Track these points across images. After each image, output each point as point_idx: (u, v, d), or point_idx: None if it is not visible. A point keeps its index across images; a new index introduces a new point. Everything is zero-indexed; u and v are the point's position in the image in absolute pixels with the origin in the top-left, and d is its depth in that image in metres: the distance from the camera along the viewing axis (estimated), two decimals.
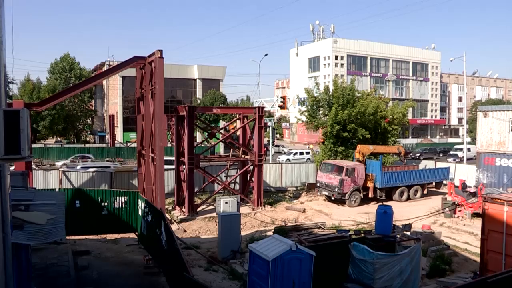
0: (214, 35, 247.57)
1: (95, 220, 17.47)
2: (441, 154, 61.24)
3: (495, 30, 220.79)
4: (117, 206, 17.74)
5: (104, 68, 70.68)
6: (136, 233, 17.97)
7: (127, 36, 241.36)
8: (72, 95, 46.09)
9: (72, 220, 15.95)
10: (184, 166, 24.44)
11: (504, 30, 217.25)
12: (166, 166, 22.76)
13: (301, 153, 51.32)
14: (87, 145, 62.77)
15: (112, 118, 65.51)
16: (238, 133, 29.23)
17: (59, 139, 75.90)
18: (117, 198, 17.78)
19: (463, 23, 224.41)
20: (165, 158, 22.50)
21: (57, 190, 20.40)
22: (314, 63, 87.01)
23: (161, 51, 20.48)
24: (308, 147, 56.74)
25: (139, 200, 17.65)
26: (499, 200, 12.01)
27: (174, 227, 20.95)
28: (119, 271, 14.55)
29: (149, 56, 21.80)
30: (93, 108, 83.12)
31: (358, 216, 24.08)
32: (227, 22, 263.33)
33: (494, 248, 11.95)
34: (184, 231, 21.26)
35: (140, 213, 17.29)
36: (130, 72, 28.87)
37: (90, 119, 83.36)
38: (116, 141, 63.19)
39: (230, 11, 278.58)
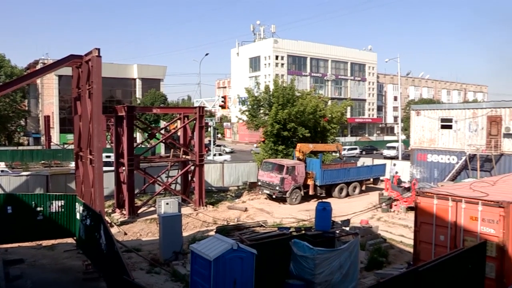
0: (154, 34, 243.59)
1: (29, 226, 16.65)
2: (363, 152, 63.71)
3: (426, 35, 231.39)
4: (54, 211, 17.06)
5: (38, 67, 67.68)
6: (75, 237, 17.41)
7: (64, 36, 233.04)
8: (2, 95, 43.83)
9: (3, 227, 15.24)
10: (123, 168, 23.95)
11: (434, 35, 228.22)
12: (105, 168, 22.22)
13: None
14: (20, 148, 59.89)
15: (47, 119, 62.99)
16: (179, 133, 28.98)
17: None
18: (53, 202, 17.09)
19: (398, 25, 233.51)
20: (104, 159, 21.99)
21: None
22: (255, 63, 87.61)
23: (99, 49, 19.97)
24: (256, 146, 57.07)
25: (77, 203, 17.10)
26: (430, 194, 12.61)
27: (114, 230, 20.50)
28: (56, 278, 14.04)
29: (86, 55, 21.17)
30: (26, 108, 79.44)
31: (299, 214, 24.52)
32: (167, 21, 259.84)
33: (426, 239, 12.54)
34: (125, 234, 20.85)
35: (78, 217, 16.77)
36: (67, 71, 27.87)
37: (24, 120, 79.59)
38: (52, 143, 60.87)
39: (170, 10, 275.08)
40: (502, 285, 10.10)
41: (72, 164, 31.25)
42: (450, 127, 30.39)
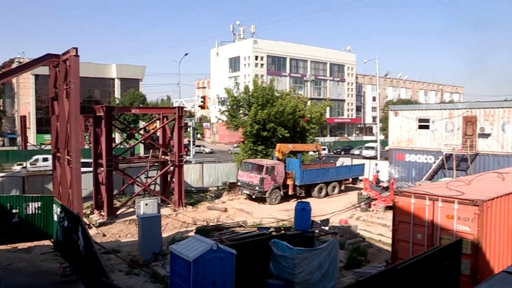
0: (133, 33, 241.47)
1: (4, 228, 16.29)
2: (342, 152, 64.68)
3: (404, 36, 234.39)
4: (30, 213, 16.77)
5: (14, 66, 66.47)
6: (52, 240, 17.17)
7: (40, 35, 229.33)
8: None
9: None
10: (102, 168, 23.71)
11: (412, 36, 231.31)
12: (83, 169, 21.97)
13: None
14: None
15: (23, 119, 61.90)
16: (158, 133, 28.81)
17: None
18: (30, 203, 16.80)
19: (376, 26, 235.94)
20: (82, 160, 21.72)
21: None
22: (234, 63, 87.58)
23: (76, 48, 19.72)
24: (234, 146, 56.97)
25: (54, 205, 16.87)
26: (407, 193, 12.77)
27: (92, 231, 20.27)
28: (32, 282, 13.81)
29: (63, 54, 20.90)
30: (1, 108, 77.93)
31: (279, 214, 24.60)
32: (146, 21, 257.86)
33: (403, 238, 12.69)
34: (104, 235, 20.64)
35: (55, 218, 16.54)
36: (43, 70, 27.44)
37: None
38: (28, 143, 59.83)
39: (149, 9, 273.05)
40: (476, 281, 10.29)
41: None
42: (427, 127, 30.85)
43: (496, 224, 11.51)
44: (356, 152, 61.28)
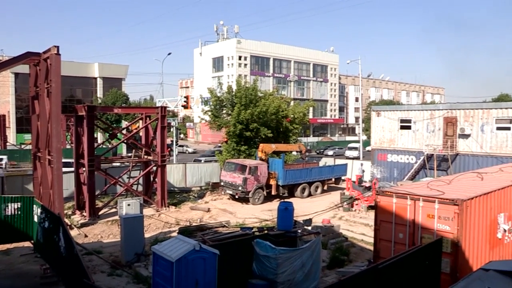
0: (116, 32, 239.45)
1: None
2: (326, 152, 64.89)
3: (387, 37, 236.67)
4: (9, 214, 16.52)
5: None
6: (32, 241, 16.94)
7: (21, 34, 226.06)
8: None
9: None
10: (84, 169, 23.47)
11: (395, 37, 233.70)
12: (64, 169, 21.72)
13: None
14: None
15: (3, 118, 60.83)
16: (140, 133, 28.62)
17: None
18: (9, 204, 16.55)
19: (359, 27, 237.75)
20: (64, 160, 21.48)
21: None
22: (218, 63, 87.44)
23: (58, 47, 19.47)
24: (214, 147, 56.87)
25: (34, 205, 16.65)
26: (389, 193, 12.90)
27: (74, 232, 20.06)
28: (11, 285, 13.60)
29: (44, 52, 20.62)
30: None
31: (262, 214, 24.65)
32: (129, 20, 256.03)
33: (385, 237, 12.82)
34: (85, 236, 20.43)
35: (36, 219, 16.32)
36: (24, 68, 27.09)
37: None
38: (8, 143, 58.89)
39: (132, 8, 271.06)
40: (456, 279, 10.43)
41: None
42: (409, 127, 31.18)
43: (475, 223, 11.70)
44: (330, 152, 60.92)
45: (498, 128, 26.64)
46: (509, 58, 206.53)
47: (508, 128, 26.20)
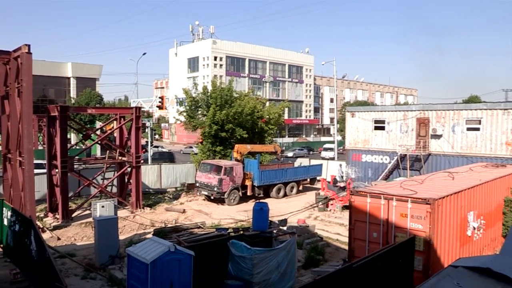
0: (90, 32, 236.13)
1: None
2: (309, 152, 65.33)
3: (361, 39, 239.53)
4: None
5: None
6: (1, 245, 16.55)
7: None
8: None
9: None
10: (56, 170, 23.08)
11: (368, 39, 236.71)
12: (36, 170, 21.30)
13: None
14: None
15: None
16: (115, 134, 28.31)
17: None
18: None
19: (334, 28, 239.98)
20: (35, 161, 21.05)
21: None
22: (193, 64, 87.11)
23: (29, 45, 19.07)
24: (185, 147, 56.55)
25: (4, 208, 16.24)
26: (363, 193, 13.07)
27: (46, 235, 19.70)
28: None
29: (14, 51, 20.15)
30: None
31: (238, 214, 24.65)
32: (103, 19, 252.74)
33: (360, 236, 12.99)
34: (58, 239, 20.08)
35: (5, 222, 15.95)
36: None
37: None
38: None
39: (107, 7, 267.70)
40: (428, 276, 10.62)
41: None
42: (383, 128, 31.58)
43: (446, 221, 11.96)
44: (290, 154, 60.14)
45: (468, 129, 27.23)
46: (478, 60, 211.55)
47: (477, 129, 26.81)
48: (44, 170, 24.98)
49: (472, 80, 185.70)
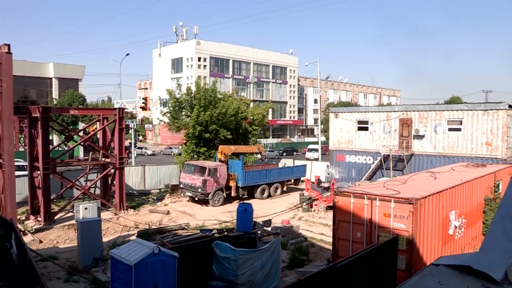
0: (72, 32, 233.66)
1: None
2: (284, 154, 65.44)
3: (344, 40, 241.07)
4: None
5: None
6: None
7: None
8: None
9: None
10: (38, 172, 22.80)
11: (352, 40, 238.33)
12: (17, 172, 21.03)
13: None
14: None
15: None
16: (98, 135, 28.07)
17: None
18: None
19: (318, 30, 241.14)
20: (16, 163, 20.79)
21: None
22: (177, 64, 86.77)
23: (9, 45, 18.82)
24: (165, 148, 56.20)
25: None
26: (347, 193, 13.16)
27: (28, 238, 19.47)
28: None
29: None
30: None
31: (222, 215, 24.61)
32: (86, 19, 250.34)
33: (344, 236, 13.08)
34: (40, 241, 19.84)
35: None
36: None
37: None
38: None
39: (90, 8, 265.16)
40: (410, 275, 10.72)
41: None
42: (366, 129, 31.84)
43: (429, 221, 12.10)
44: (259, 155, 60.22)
45: (450, 129, 27.62)
46: (460, 61, 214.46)
47: (459, 129, 27.20)
48: (26, 172, 24.65)
49: (453, 81, 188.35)
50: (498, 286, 2.87)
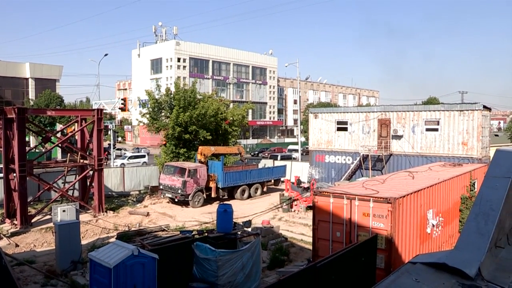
0: (49, 31, 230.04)
1: None
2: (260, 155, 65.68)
3: (323, 41, 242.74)
4: None
5: None
6: None
7: None
8: None
9: None
10: (14, 174, 22.40)
11: (331, 41, 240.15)
12: None
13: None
14: None
15: None
16: (76, 136, 27.73)
17: None
18: None
19: (297, 31, 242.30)
20: None
21: None
22: (156, 65, 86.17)
23: None
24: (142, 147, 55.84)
25: None
26: (326, 193, 13.26)
27: (3, 242, 19.13)
28: None
29: None
30: None
31: (202, 216, 24.56)
32: (63, 19, 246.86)
33: (323, 236, 13.16)
34: (17, 245, 19.49)
35: None
36: None
37: None
38: None
39: (67, 7, 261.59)
40: (389, 273, 10.90)
41: None
42: (345, 129, 32.09)
43: (407, 220, 12.26)
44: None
45: (427, 130, 28.02)
46: (437, 63, 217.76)
47: (436, 130, 27.62)
48: (1, 174, 24.20)
49: (431, 83, 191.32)
50: (472, 282, 2.95)
